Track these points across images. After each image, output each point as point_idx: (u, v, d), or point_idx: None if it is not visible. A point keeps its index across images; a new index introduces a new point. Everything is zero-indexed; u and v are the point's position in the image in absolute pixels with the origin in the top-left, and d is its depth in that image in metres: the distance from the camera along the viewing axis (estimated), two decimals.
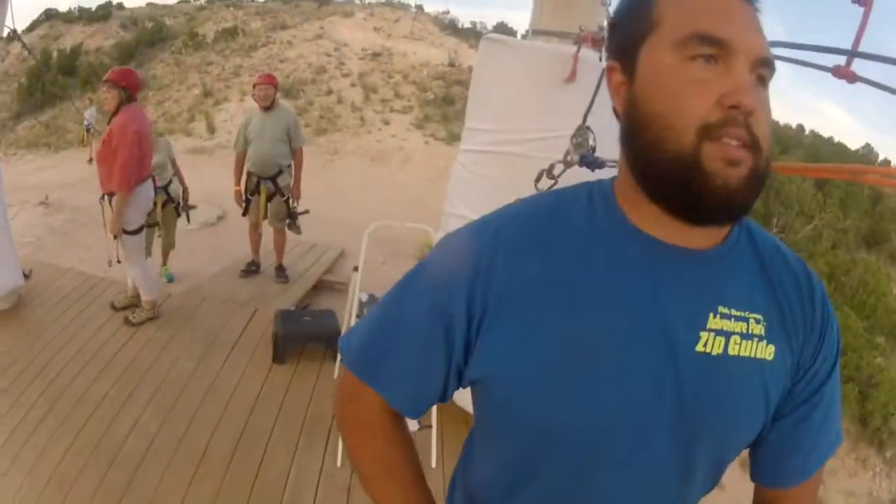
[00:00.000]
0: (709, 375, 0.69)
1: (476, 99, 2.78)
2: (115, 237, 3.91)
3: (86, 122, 12.81)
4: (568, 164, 2.44)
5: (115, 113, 3.80)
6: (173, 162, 5.17)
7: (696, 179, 0.62)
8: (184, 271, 5.66)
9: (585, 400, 0.69)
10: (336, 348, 3.75)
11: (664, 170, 0.64)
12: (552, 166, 2.19)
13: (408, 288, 0.79)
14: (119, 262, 4.00)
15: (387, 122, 14.63)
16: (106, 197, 3.94)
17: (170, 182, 5.05)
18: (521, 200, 0.78)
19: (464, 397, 2.90)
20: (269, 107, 4.97)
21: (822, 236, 9.94)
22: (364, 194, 10.13)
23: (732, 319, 0.70)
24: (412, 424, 3.02)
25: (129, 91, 3.83)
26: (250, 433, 3.12)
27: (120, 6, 40.69)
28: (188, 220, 5.40)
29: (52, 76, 24.81)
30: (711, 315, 0.69)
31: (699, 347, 0.69)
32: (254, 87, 5.07)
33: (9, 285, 4.16)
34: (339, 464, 2.92)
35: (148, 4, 43.35)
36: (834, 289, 7.84)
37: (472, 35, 31.21)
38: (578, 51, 2.57)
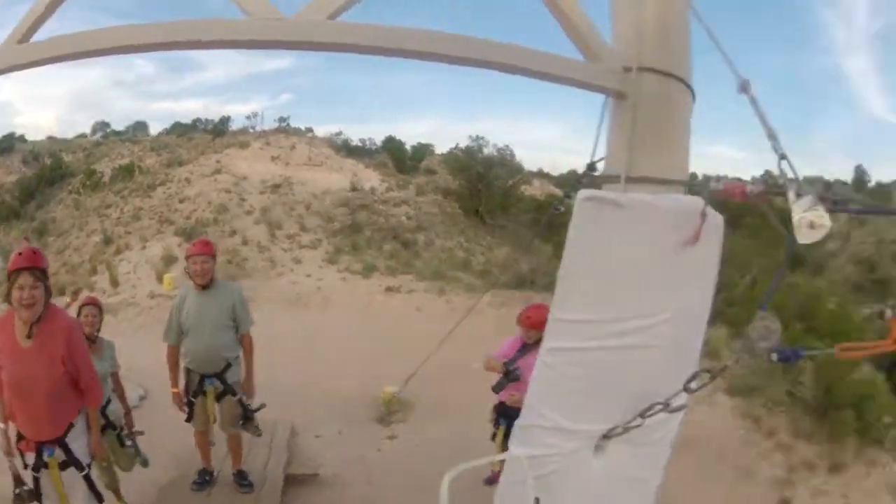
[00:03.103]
0: None
1: (569, 280, 1.97)
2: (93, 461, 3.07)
3: None
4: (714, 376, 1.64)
5: (40, 318, 2.72)
6: (115, 375, 3.87)
7: None
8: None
9: None
10: None
11: None
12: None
13: None
14: None
15: (298, 261, 13.56)
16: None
17: (108, 402, 3.62)
18: None
19: None
20: (206, 285, 3.90)
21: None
22: (289, 346, 8.91)
23: None
24: None
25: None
26: None
27: (22, 138, 41.43)
28: (143, 464, 3.96)
29: None
30: None
31: None
32: (187, 258, 3.98)
33: None
34: None
35: (48, 138, 43.68)
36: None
37: (365, 153, 31.34)
38: (707, 204, 1.89)
